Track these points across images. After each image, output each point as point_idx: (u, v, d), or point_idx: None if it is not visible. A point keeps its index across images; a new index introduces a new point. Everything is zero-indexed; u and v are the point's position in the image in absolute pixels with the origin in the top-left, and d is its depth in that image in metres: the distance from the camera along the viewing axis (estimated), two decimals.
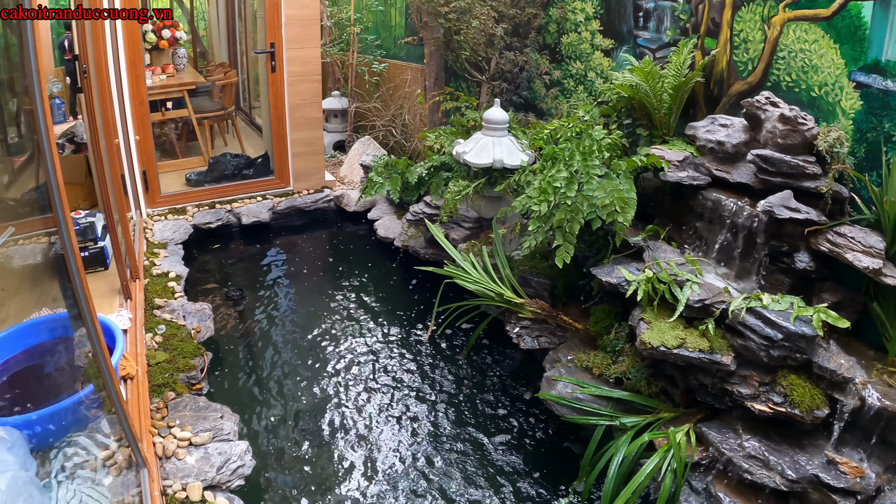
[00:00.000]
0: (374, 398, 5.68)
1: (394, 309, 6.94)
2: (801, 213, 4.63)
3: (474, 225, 6.98)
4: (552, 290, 5.91)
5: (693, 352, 4.51)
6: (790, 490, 4.31)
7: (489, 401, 5.76)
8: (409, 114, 9.22)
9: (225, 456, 4.46)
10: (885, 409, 4.20)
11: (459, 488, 4.91)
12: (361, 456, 5.10)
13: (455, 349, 6.36)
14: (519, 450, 5.28)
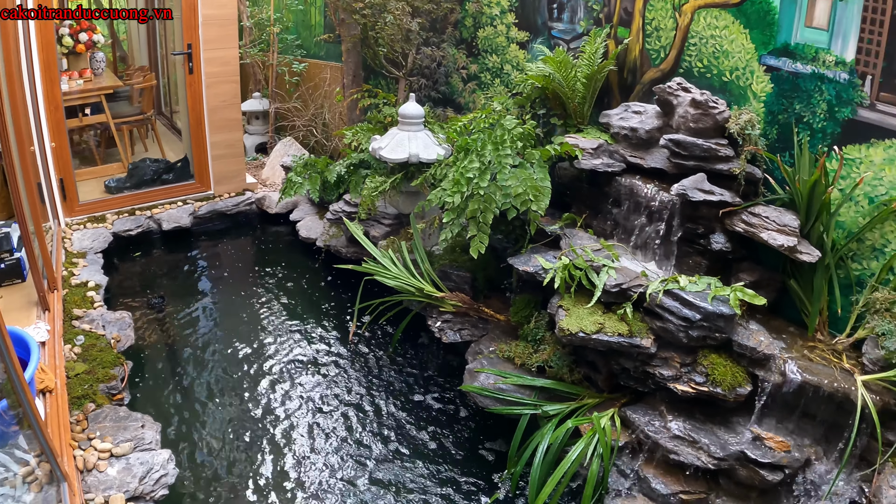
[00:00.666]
0: (298, 401, 5.59)
1: (317, 310, 6.85)
2: (715, 194, 4.69)
3: (394, 221, 6.94)
4: (473, 283, 5.89)
5: (612, 336, 4.53)
6: (717, 468, 4.37)
7: (416, 397, 5.71)
8: (330, 112, 9.13)
9: (147, 465, 4.35)
10: (806, 383, 4.28)
11: (391, 487, 4.86)
12: (287, 460, 5.01)
13: (380, 347, 6.30)
14: (449, 444, 5.25)
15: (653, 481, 4.47)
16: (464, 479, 4.95)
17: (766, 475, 4.29)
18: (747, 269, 4.92)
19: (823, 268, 4.71)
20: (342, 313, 6.78)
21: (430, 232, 6.32)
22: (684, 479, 4.48)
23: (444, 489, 4.86)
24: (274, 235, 8.50)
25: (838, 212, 4.70)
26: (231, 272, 7.59)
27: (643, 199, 5.01)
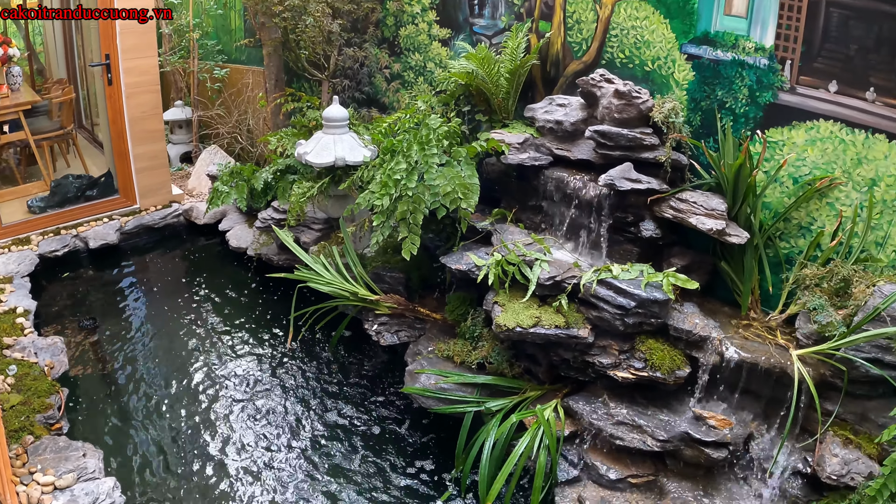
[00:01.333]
0: (240, 415, 5.49)
1: (252, 320, 6.75)
2: (643, 183, 4.74)
3: (324, 226, 6.87)
4: (407, 284, 5.86)
5: (549, 329, 4.54)
6: (663, 449, 4.42)
7: (359, 402, 5.67)
8: (254, 118, 8.99)
9: (92, 496, 4.21)
10: (744, 361, 4.38)
11: (342, 495, 4.81)
12: (233, 475, 4.92)
13: (317, 354, 6.24)
14: (395, 447, 5.22)
15: (601, 468, 4.51)
16: (413, 481, 4.93)
17: (711, 453, 4.36)
18: (678, 254, 4.99)
19: (752, 248, 4.81)
20: (278, 322, 6.70)
21: (361, 235, 6.27)
22: (632, 464, 4.54)
23: (394, 493, 4.84)
24: (204, 247, 8.33)
25: (764, 193, 4.81)
26: (162, 287, 7.42)
27: (572, 190, 5.03)
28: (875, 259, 4.54)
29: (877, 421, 4.39)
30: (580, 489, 4.54)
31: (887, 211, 4.46)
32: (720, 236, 4.61)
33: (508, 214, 5.36)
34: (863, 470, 4.18)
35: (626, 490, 4.49)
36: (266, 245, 7.26)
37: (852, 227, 4.56)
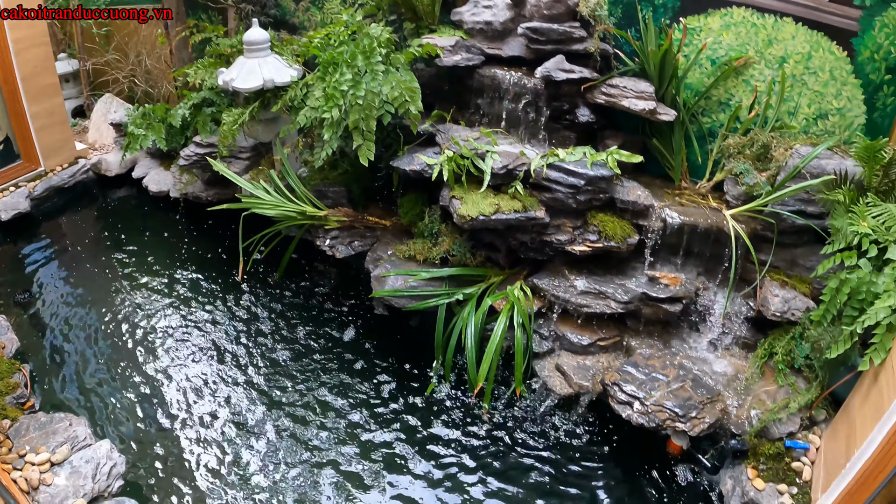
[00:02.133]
0: (203, 351, 5.54)
1: (195, 263, 6.69)
2: (575, 72, 5.03)
3: (252, 154, 6.86)
4: (350, 196, 5.99)
5: (509, 214, 4.80)
6: (625, 311, 4.83)
7: (325, 320, 5.82)
8: (152, 58, 8.71)
9: (93, 462, 4.15)
10: (685, 224, 4.79)
11: (329, 406, 5.00)
12: (214, 409, 5.03)
13: (270, 282, 6.30)
14: (369, 355, 5.44)
15: (572, 337, 4.87)
16: (395, 382, 5.18)
17: (668, 308, 4.80)
18: (611, 136, 5.33)
19: (679, 125, 5.22)
20: (223, 258, 6.68)
21: (296, 156, 6.32)
22: (598, 329, 4.92)
23: (380, 396, 5.07)
24: (121, 199, 8.08)
25: (686, 75, 5.20)
26: (88, 248, 7.12)
27: (507, 86, 5.26)
28: (789, 126, 5.03)
29: (805, 265, 4.92)
30: (556, 358, 4.89)
31: (797, 84, 4.95)
32: (651, 115, 4.97)
33: (447, 115, 5.54)
34: (800, 306, 4.69)
35: (596, 353, 4.87)
36: (190, 184, 7.18)
37: (767, 100, 5.04)
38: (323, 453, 4.71)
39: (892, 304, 3.79)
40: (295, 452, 4.71)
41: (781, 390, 4.69)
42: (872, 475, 3.52)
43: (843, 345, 4.12)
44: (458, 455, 4.78)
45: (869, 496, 3.57)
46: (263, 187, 5.86)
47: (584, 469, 4.74)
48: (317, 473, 4.59)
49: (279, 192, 5.85)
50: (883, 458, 3.44)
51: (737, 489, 4.36)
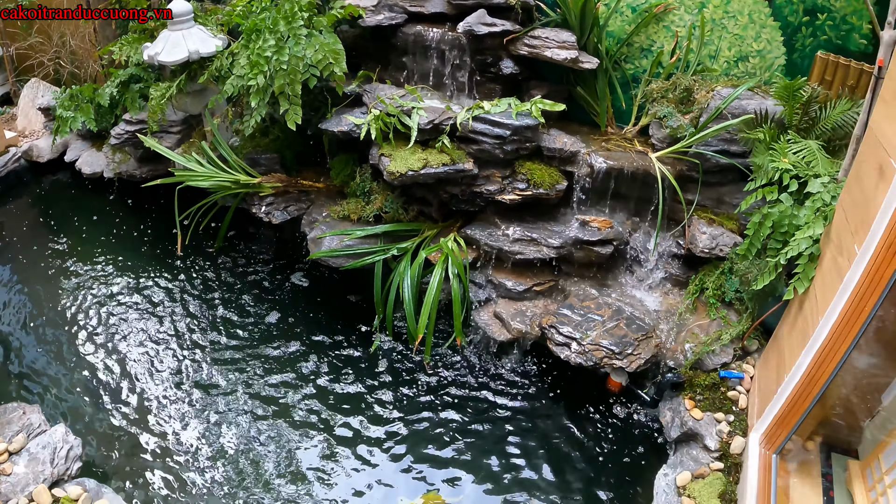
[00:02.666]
0: (151, 330, 5.54)
1: (133, 241, 6.64)
2: (497, 25, 5.08)
3: (183, 127, 6.80)
4: (282, 162, 6.00)
5: (438, 167, 4.86)
6: (558, 256, 4.94)
7: (262, 287, 5.85)
8: (76, 38, 8.56)
9: (50, 447, 4.17)
10: (611, 169, 4.89)
11: (272, 375, 5.06)
12: (163, 382, 5.05)
13: (209, 252, 6.30)
14: (313, 318, 5.50)
15: (507, 284, 4.97)
16: (339, 339, 5.27)
17: (600, 250, 4.91)
18: (536, 87, 5.39)
19: (603, 72, 5.29)
20: (161, 234, 6.64)
21: (227, 125, 6.30)
22: (533, 275, 5.02)
23: (324, 354, 5.15)
24: (55, 184, 7.95)
25: (607, 23, 5.27)
26: (25, 236, 6.96)
27: (431, 42, 5.30)
28: (710, 69, 5.15)
29: (731, 202, 5.05)
30: (493, 307, 4.98)
31: (716, 28, 5.06)
32: (574, 64, 5.04)
33: (372, 75, 5.56)
34: (728, 242, 4.83)
35: (533, 298, 4.97)
36: (123, 162, 7.11)
37: (688, 45, 5.14)
38: (270, 415, 4.78)
39: (812, 234, 3.93)
40: (243, 417, 4.77)
41: (714, 323, 4.83)
42: (802, 398, 3.68)
43: (769, 276, 4.26)
44: (402, 405, 4.87)
45: (799, 418, 3.75)
46: (196, 160, 5.85)
47: (528, 411, 4.87)
48: (265, 434, 4.66)
49: (212, 163, 5.84)
50: (810, 381, 3.59)
51: (676, 420, 4.50)
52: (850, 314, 3.28)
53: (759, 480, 3.92)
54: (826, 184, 4.07)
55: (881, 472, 3.59)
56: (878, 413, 3.83)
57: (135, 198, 6.98)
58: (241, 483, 4.39)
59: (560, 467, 4.57)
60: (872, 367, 3.64)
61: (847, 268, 3.37)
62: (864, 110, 3.95)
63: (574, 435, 4.74)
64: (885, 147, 3.24)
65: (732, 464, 4.24)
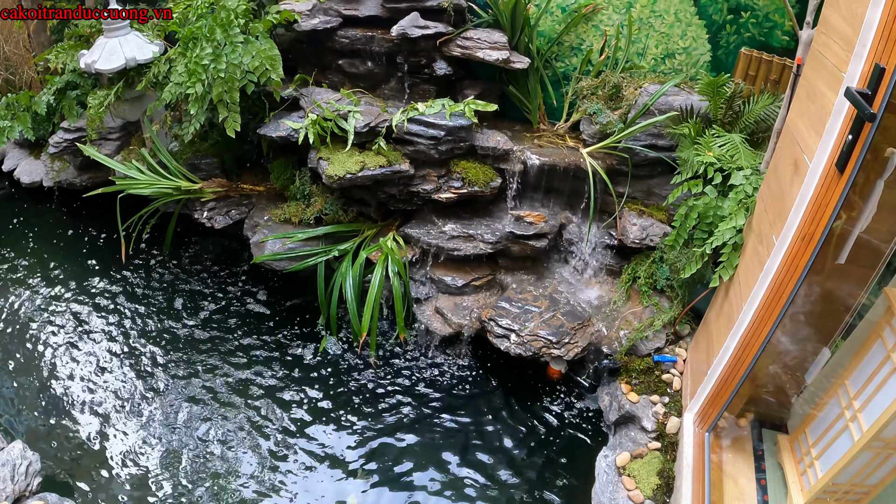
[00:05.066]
0: (99, 339, 5.55)
1: (76, 251, 6.60)
2: (430, 28, 5.19)
3: (121, 133, 6.79)
4: (223, 167, 6.05)
5: (375, 169, 4.97)
6: (494, 251, 5.11)
7: (208, 292, 5.90)
8: (10, 44, 8.48)
9: (9, 465, 4.15)
10: (544, 165, 5.06)
11: (220, 378, 5.13)
12: (119, 394, 5.08)
13: (156, 260, 6.32)
14: (259, 321, 5.59)
15: (447, 279, 5.11)
16: (286, 341, 5.38)
17: (535, 244, 5.09)
18: (469, 86, 5.53)
19: (534, 71, 5.44)
20: (106, 244, 6.62)
21: (165, 131, 6.33)
22: (471, 270, 5.19)
23: (272, 358, 5.26)
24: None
25: (538, 23, 5.41)
26: None
27: (366, 46, 5.40)
28: (638, 66, 5.33)
29: (661, 193, 5.25)
30: (434, 302, 5.13)
31: (644, 27, 5.24)
32: (505, 64, 5.19)
33: (309, 79, 5.64)
34: (658, 232, 5.02)
35: (472, 293, 5.13)
36: (63, 170, 7.08)
37: (616, 44, 5.30)
38: (222, 418, 4.87)
39: (735, 225, 4.13)
40: (195, 420, 4.84)
41: (647, 310, 5.03)
42: (730, 378, 3.88)
43: (696, 264, 4.47)
44: (348, 402, 4.99)
45: (728, 396, 3.95)
46: (136, 167, 5.87)
47: (472, 402, 5.03)
48: (219, 436, 4.74)
49: (152, 169, 5.87)
50: (737, 362, 3.79)
51: (614, 404, 4.68)
52: (771, 299, 3.48)
53: (695, 457, 4.10)
54: (748, 176, 4.26)
55: (808, 446, 3.78)
56: (805, 389, 4.04)
57: (76, 207, 6.93)
58: (198, 484, 4.46)
59: (504, 455, 4.73)
60: (794, 347, 3.85)
61: (767, 256, 3.55)
62: (783, 105, 4.14)
63: (517, 423, 4.90)
64: (800, 143, 3.42)
65: (669, 443, 4.42)
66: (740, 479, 3.98)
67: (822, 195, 3.07)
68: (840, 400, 3.55)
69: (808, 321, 3.69)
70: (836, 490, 3.56)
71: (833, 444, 3.53)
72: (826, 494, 3.60)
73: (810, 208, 3.16)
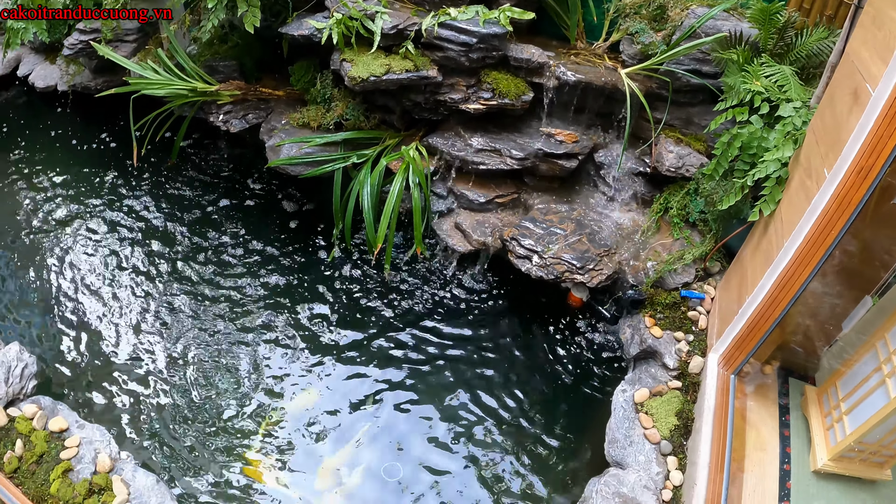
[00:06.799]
0: (106, 244, 5.40)
1: (88, 155, 6.43)
2: None
3: (138, 35, 6.54)
4: (241, 70, 5.79)
5: (401, 73, 4.70)
6: (522, 167, 4.83)
7: (223, 197, 5.74)
8: None
9: (4, 367, 4.05)
10: (580, 82, 4.74)
11: (229, 286, 4.99)
12: (123, 302, 4.93)
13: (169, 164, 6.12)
14: (270, 229, 5.41)
15: (469, 195, 4.86)
16: (296, 250, 5.19)
17: (564, 164, 4.80)
18: None
19: None
20: (114, 148, 6.44)
21: (184, 32, 6.07)
22: (496, 187, 4.92)
23: (283, 266, 5.07)
24: (7, 100, 7.65)
25: None
26: None
27: None
28: None
29: (700, 123, 4.97)
30: (454, 217, 4.88)
31: None
32: None
33: None
34: (694, 162, 4.75)
35: (494, 210, 4.87)
36: (78, 73, 6.86)
37: None
38: (227, 325, 4.73)
39: (781, 157, 3.87)
40: (199, 326, 4.71)
41: (677, 243, 4.78)
42: (762, 320, 3.66)
43: (734, 197, 4.20)
44: (359, 314, 4.82)
45: (758, 340, 3.73)
46: (152, 67, 5.63)
47: (487, 325, 4.83)
48: (221, 344, 4.61)
49: (168, 70, 5.63)
50: (772, 304, 3.56)
51: (635, 337, 4.45)
52: (817, 237, 3.26)
53: (717, 400, 3.91)
54: (798, 108, 4.00)
55: (837, 399, 3.61)
56: (837, 341, 3.85)
57: (90, 111, 6.75)
58: (199, 392, 4.35)
59: (515, 382, 4.54)
60: (834, 293, 3.64)
61: (815, 191, 3.33)
62: (841, 38, 3.86)
63: (532, 349, 4.71)
64: (861, 72, 3.19)
65: (690, 383, 4.22)
66: (762, 428, 3.80)
67: (885, 125, 2.84)
68: (878, 353, 3.36)
69: (852, 264, 3.47)
70: (863, 449, 3.38)
71: (866, 400, 3.34)
72: (852, 452, 3.43)
73: (869, 139, 2.93)
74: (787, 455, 3.65)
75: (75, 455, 3.78)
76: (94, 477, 3.67)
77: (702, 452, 3.68)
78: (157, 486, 3.69)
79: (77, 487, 3.63)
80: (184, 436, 4.18)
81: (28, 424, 3.84)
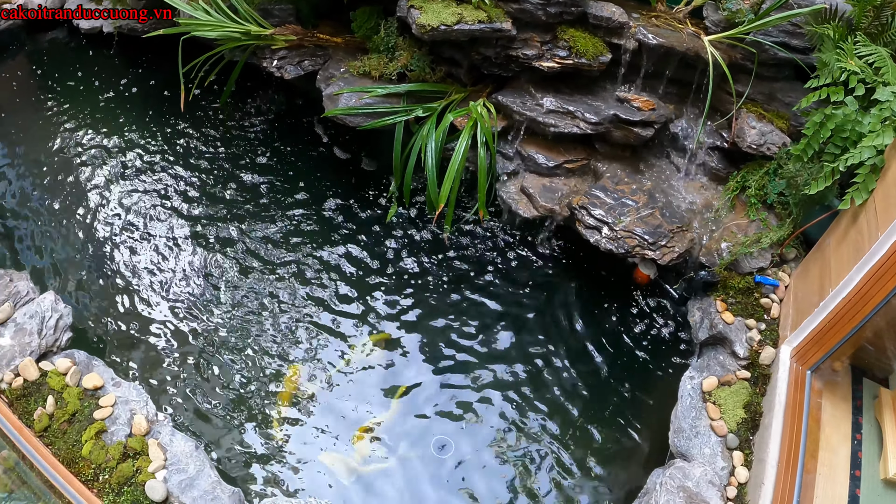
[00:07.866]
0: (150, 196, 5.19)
1: (134, 99, 6.20)
2: None
3: None
4: (298, 14, 5.52)
5: (473, 24, 4.42)
6: (595, 132, 4.53)
7: (274, 148, 5.51)
8: None
9: (38, 317, 3.84)
10: (661, 46, 4.45)
11: (280, 243, 4.78)
12: (166, 257, 4.73)
13: (218, 110, 5.92)
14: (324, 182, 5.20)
15: (537, 158, 4.58)
16: (352, 207, 4.98)
17: (640, 132, 4.52)
18: None
19: None
20: (162, 93, 6.20)
21: None
22: (565, 151, 4.64)
23: (337, 222, 4.86)
24: (52, 42, 7.45)
25: None
26: (21, 100, 6.36)
27: None
28: None
29: (784, 100, 4.65)
30: (521, 181, 4.62)
31: None
32: None
33: None
34: (777, 140, 4.45)
35: (563, 176, 4.60)
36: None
37: None
38: (273, 279, 4.56)
39: (878, 144, 3.60)
40: (246, 280, 4.54)
41: (752, 225, 4.50)
42: (847, 316, 3.41)
43: (823, 182, 3.92)
44: (415, 276, 4.62)
45: (842, 337, 3.48)
46: (203, 8, 5.38)
47: (549, 296, 4.60)
48: (267, 297, 4.43)
49: (221, 12, 5.38)
50: (860, 300, 3.32)
51: (705, 321, 4.19)
52: None
53: (789, 396, 3.68)
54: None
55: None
56: None
57: (136, 54, 6.52)
58: (241, 347, 4.17)
59: (575, 360, 4.32)
60: None
61: None
62: None
63: (594, 326, 4.46)
64: None
65: (760, 374, 3.97)
66: (833, 429, 3.54)
67: None
68: None
69: None
70: None
71: None
72: None
73: None
74: (857, 460, 3.40)
75: (110, 415, 3.55)
76: (129, 440, 3.43)
77: (771, 450, 3.46)
78: (195, 452, 3.44)
79: (111, 451, 3.39)
80: (226, 399, 4.00)
81: (61, 380, 3.61)
